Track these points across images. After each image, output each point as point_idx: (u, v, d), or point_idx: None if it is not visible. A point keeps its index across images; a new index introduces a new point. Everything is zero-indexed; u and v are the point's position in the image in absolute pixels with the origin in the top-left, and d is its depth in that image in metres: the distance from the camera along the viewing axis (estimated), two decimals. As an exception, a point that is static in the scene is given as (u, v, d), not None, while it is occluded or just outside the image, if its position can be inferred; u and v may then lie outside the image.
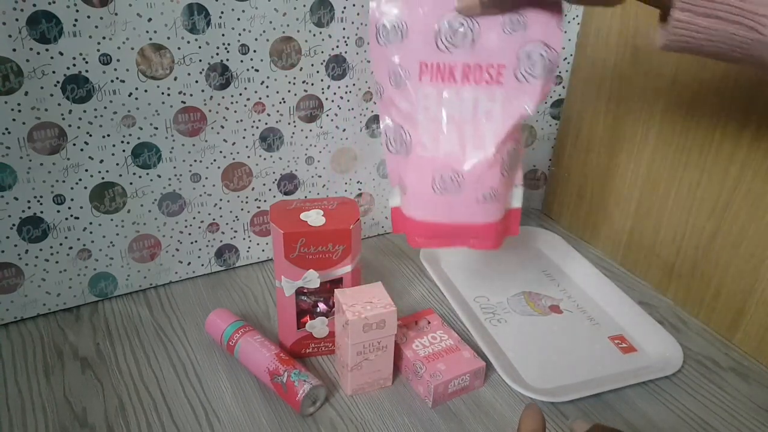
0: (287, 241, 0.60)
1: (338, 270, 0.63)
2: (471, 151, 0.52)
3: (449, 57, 0.50)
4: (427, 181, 0.53)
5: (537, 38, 0.49)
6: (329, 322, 0.66)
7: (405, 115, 0.53)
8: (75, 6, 0.60)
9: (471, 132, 0.52)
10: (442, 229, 0.56)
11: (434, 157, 0.53)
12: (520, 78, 0.50)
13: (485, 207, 0.54)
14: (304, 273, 0.62)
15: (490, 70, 0.50)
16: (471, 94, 0.51)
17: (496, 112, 0.51)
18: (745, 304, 0.69)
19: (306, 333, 0.66)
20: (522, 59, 0.50)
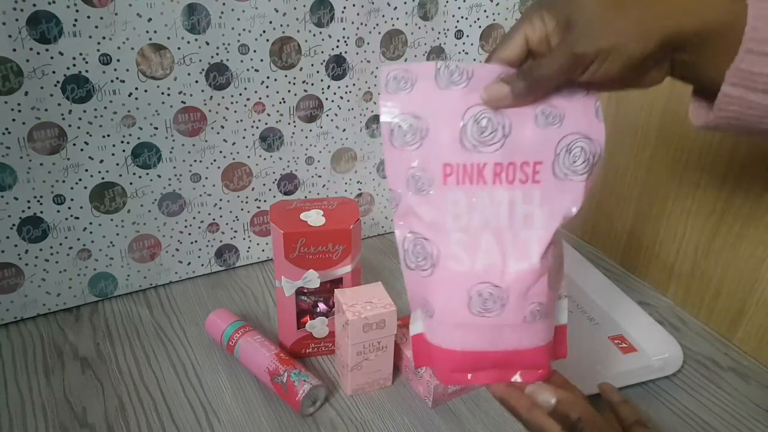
0: (287, 241, 0.60)
1: (338, 270, 0.63)
2: (513, 262, 0.44)
3: (477, 157, 0.43)
4: (461, 301, 0.44)
5: (576, 130, 0.43)
6: (329, 322, 0.66)
7: (429, 225, 0.45)
8: (75, 6, 0.60)
9: (510, 239, 0.44)
10: (483, 359, 0.46)
11: (469, 271, 0.44)
12: (560, 175, 0.44)
13: (534, 327, 0.45)
14: (304, 273, 0.62)
15: (525, 168, 0.44)
16: (505, 196, 0.44)
17: (536, 214, 0.44)
18: (744, 304, 0.69)
19: (306, 333, 0.66)
20: (561, 154, 0.44)
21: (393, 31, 0.78)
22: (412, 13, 0.78)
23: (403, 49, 0.80)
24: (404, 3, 0.77)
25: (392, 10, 0.77)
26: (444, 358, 0.47)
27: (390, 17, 0.77)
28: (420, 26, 0.79)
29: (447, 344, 0.46)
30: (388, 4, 0.76)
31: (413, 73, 0.43)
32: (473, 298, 0.44)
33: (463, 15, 0.82)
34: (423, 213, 0.45)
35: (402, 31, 0.79)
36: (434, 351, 0.47)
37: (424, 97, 0.43)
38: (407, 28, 0.79)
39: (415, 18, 0.79)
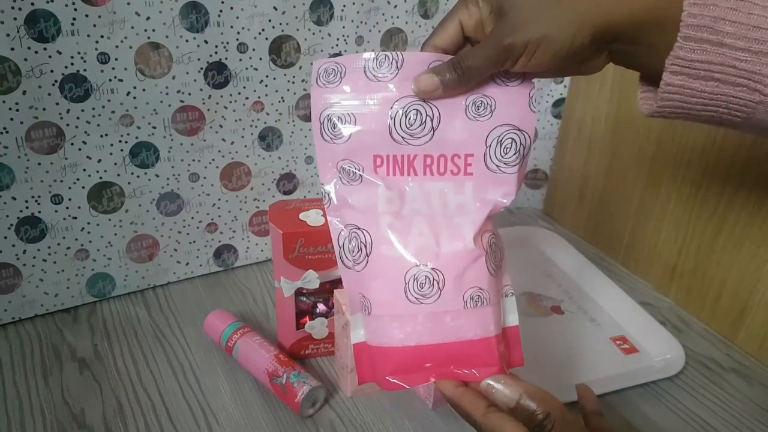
0: (286, 242, 0.60)
1: (338, 270, 0.63)
2: (446, 243, 0.42)
3: (407, 149, 0.43)
4: (398, 288, 0.41)
5: (507, 121, 0.43)
6: (329, 323, 0.66)
7: (362, 211, 0.43)
8: (73, 4, 0.60)
9: (442, 224, 0.43)
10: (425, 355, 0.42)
11: (403, 255, 0.42)
12: (492, 167, 0.43)
13: (477, 315, 0.42)
14: (303, 273, 0.62)
15: (457, 160, 0.43)
16: (436, 186, 0.43)
17: (468, 204, 0.43)
18: (747, 304, 0.69)
19: (305, 334, 0.66)
20: (492, 146, 0.43)
21: (393, 30, 0.78)
22: (413, 12, 0.78)
23: (403, 47, 0.79)
24: (404, 1, 0.76)
25: (392, 8, 0.76)
26: (385, 361, 0.42)
27: (390, 15, 0.77)
28: (420, 24, 0.79)
29: (387, 341, 0.42)
30: (388, 2, 0.76)
31: (343, 65, 0.43)
32: (409, 283, 0.41)
33: (463, 14, 0.81)
34: (354, 201, 0.43)
35: (402, 30, 0.78)
36: (375, 354, 0.43)
37: (352, 90, 0.43)
38: (407, 26, 0.78)
39: (415, 16, 0.78)
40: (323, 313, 0.67)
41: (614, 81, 0.82)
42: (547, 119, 0.94)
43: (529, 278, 0.82)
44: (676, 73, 0.37)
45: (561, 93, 0.92)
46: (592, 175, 0.90)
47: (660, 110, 0.40)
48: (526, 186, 1.01)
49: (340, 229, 0.44)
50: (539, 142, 0.96)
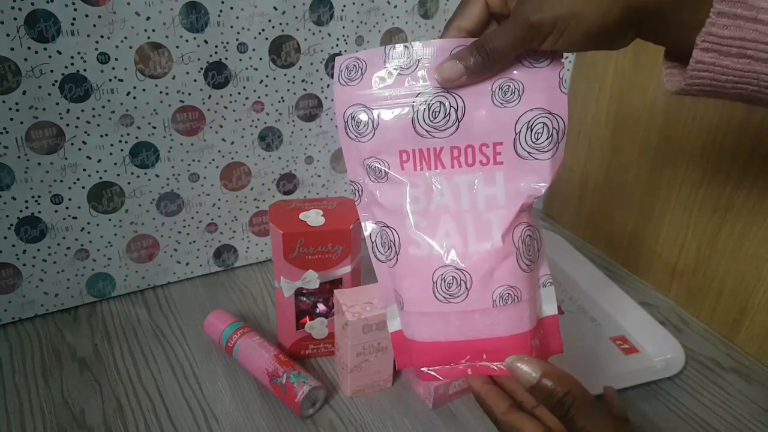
0: (286, 242, 0.60)
1: (338, 270, 0.63)
2: (474, 243, 0.41)
3: (433, 142, 0.41)
4: (426, 287, 0.42)
5: (536, 105, 0.41)
6: (329, 323, 0.66)
7: (390, 211, 0.43)
8: (73, 4, 0.60)
9: (471, 221, 0.42)
10: (456, 350, 0.43)
11: (429, 255, 0.42)
12: (523, 155, 0.41)
13: (507, 313, 0.41)
14: (303, 273, 0.62)
15: (485, 149, 0.41)
16: (465, 180, 0.42)
17: (499, 196, 0.42)
18: (747, 304, 0.69)
19: (305, 334, 0.66)
20: (522, 133, 0.41)
21: (393, 30, 0.78)
22: (413, 12, 0.78)
23: (403, 48, 0.79)
24: (404, 1, 0.76)
25: (392, 8, 0.76)
26: (420, 353, 0.43)
27: (390, 15, 0.77)
28: (420, 24, 0.79)
29: (418, 336, 0.43)
30: (388, 2, 0.75)
31: (364, 61, 0.42)
32: (437, 283, 0.41)
33: (463, 14, 0.81)
34: (383, 200, 0.43)
35: (402, 30, 0.78)
36: (410, 345, 0.44)
37: (374, 86, 0.42)
38: (407, 26, 0.78)
39: (415, 16, 0.78)
40: (323, 313, 0.67)
41: (614, 81, 0.82)
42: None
43: (529, 278, 0.82)
44: (707, 50, 0.36)
45: (561, 93, 0.92)
46: (592, 175, 0.90)
47: (688, 88, 0.38)
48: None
49: (372, 227, 0.44)
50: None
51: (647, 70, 0.77)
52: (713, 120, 0.69)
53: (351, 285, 0.64)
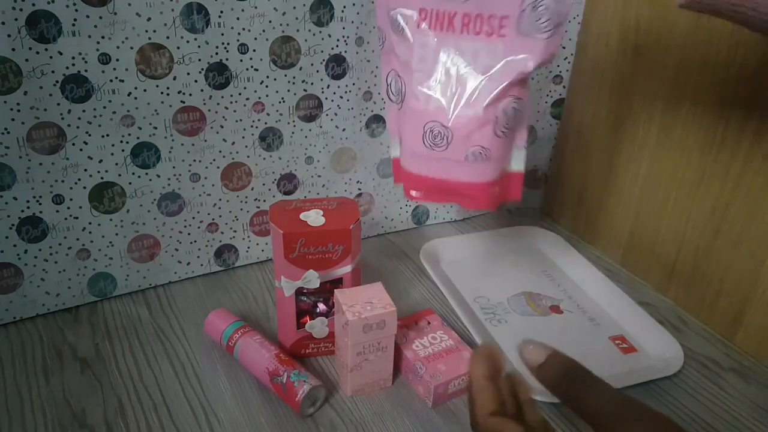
0: (287, 241, 0.60)
1: (338, 270, 0.63)
2: (462, 107, 0.49)
3: (449, 5, 0.47)
4: (418, 135, 0.52)
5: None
6: (329, 323, 0.66)
7: (403, 63, 0.51)
8: (74, 5, 0.60)
9: (464, 85, 0.49)
10: (435, 184, 0.56)
11: (425, 109, 0.51)
12: (523, 32, 0.46)
13: (475, 166, 0.52)
14: (303, 273, 0.62)
15: (492, 21, 0.46)
16: (470, 46, 0.48)
17: (496, 67, 0.48)
18: (745, 304, 0.69)
19: (306, 333, 0.66)
20: (527, 11, 0.45)
21: (393, 31, 0.78)
22: (412, 13, 0.78)
23: (403, 48, 0.80)
24: (404, 2, 0.77)
25: (392, 9, 0.76)
26: (408, 179, 0.58)
27: (390, 17, 0.77)
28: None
29: (408, 167, 0.57)
30: (388, 3, 0.76)
31: None
32: (426, 133, 0.52)
33: (463, 14, 0.81)
34: (399, 51, 0.51)
35: (402, 31, 0.78)
36: (403, 173, 0.58)
37: None
38: (407, 27, 0.78)
39: (415, 17, 0.78)
40: (323, 313, 0.67)
41: (613, 82, 0.83)
42: (546, 119, 0.94)
43: (529, 278, 0.83)
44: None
45: (560, 93, 0.92)
46: (591, 175, 0.90)
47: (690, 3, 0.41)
48: (526, 186, 1.01)
49: (389, 70, 0.54)
50: (538, 143, 0.96)
51: (646, 71, 0.77)
52: (711, 121, 0.69)
53: (351, 285, 0.64)
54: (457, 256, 0.86)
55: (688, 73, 0.71)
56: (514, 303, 0.77)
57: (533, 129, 0.95)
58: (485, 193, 0.54)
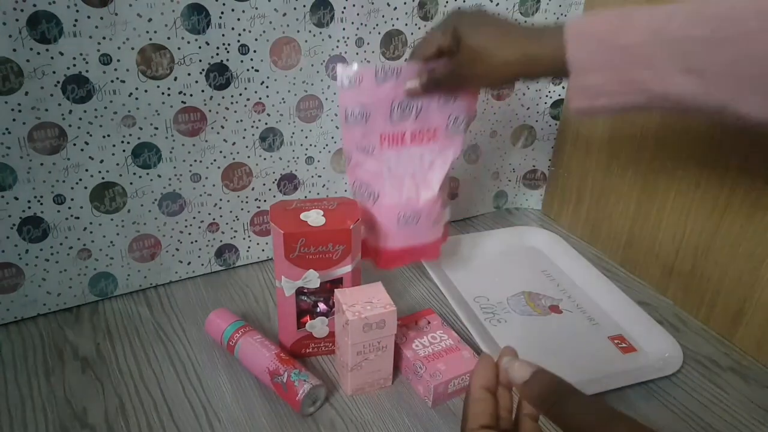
0: (287, 241, 0.60)
1: (338, 270, 0.63)
2: (423, 194, 0.69)
3: (401, 127, 0.66)
4: (393, 221, 0.69)
5: (460, 107, 0.67)
6: (329, 322, 0.66)
7: (373, 174, 0.68)
8: (75, 6, 0.60)
9: (421, 179, 0.69)
10: (405, 252, 0.73)
11: (398, 202, 0.69)
12: (449, 134, 0.68)
13: (434, 229, 0.72)
14: (304, 273, 0.62)
15: (429, 132, 0.67)
16: (417, 151, 0.68)
17: (436, 162, 0.69)
18: (744, 303, 0.69)
19: (306, 333, 0.66)
20: (450, 122, 0.67)
21: (393, 32, 0.78)
22: (412, 14, 0.78)
23: (403, 49, 0.80)
24: (404, 3, 0.77)
25: (392, 10, 0.77)
26: (382, 254, 0.72)
27: (390, 17, 0.77)
28: (420, 26, 0.79)
29: (384, 246, 0.72)
30: (387, 4, 0.76)
31: (360, 74, 0.63)
32: (400, 217, 0.69)
33: (463, 15, 0.82)
34: (368, 167, 0.68)
35: (402, 32, 0.79)
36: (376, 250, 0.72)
37: (367, 91, 0.64)
38: (407, 28, 0.79)
39: (415, 18, 0.79)
40: (324, 313, 0.67)
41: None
42: (545, 120, 0.95)
43: (528, 278, 0.83)
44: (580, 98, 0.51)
45: (559, 94, 0.92)
46: (591, 175, 0.90)
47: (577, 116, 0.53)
48: (525, 186, 1.02)
49: (354, 181, 0.69)
50: (538, 143, 0.96)
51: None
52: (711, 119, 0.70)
53: (351, 284, 0.64)
54: (457, 256, 0.86)
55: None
56: (513, 303, 0.77)
57: (533, 129, 0.95)
58: (439, 245, 0.75)
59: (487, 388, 0.42)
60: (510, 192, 1.02)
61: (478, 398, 0.41)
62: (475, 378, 0.42)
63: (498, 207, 1.02)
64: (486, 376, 0.42)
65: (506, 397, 0.43)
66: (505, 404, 0.43)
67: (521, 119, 0.94)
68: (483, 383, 0.42)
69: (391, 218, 0.69)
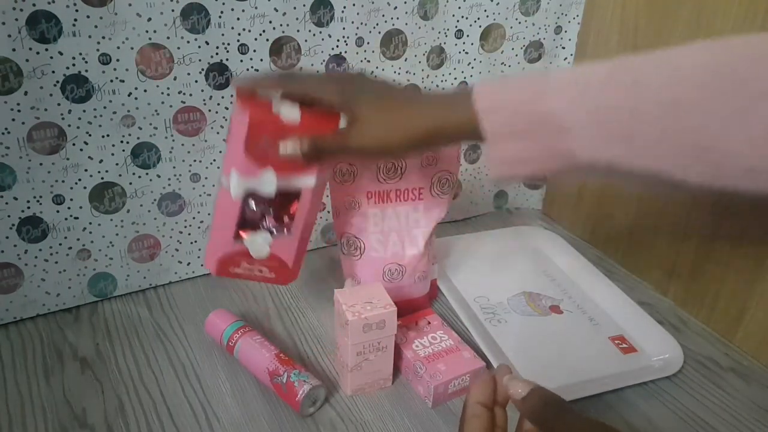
0: (253, 129, 0.50)
1: (300, 180, 0.54)
2: (408, 249, 0.70)
3: (386, 186, 0.68)
4: (378, 275, 0.70)
5: (444, 168, 0.68)
6: (274, 243, 0.57)
7: (358, 229, 0.69)
8: (74, 5, 0.60)
9: (406, 235, 0.70)
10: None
11: (383, 257, 0.70)
12: (434, 195, 0.69)
13: (419, 285, 0.73)
14: (260, 173, 0.52)
15: (414, 191, 0.69)
16: (403, 209, 0.69)
17: (421, 220, 0.70)
18: (745, 304, 0.69)
19: (241, 248, 0.57)
20: (434, 183, 0.69)
21: (393, 31, 0.78)
22: (412, 13, 0.78)
23: (403, 48, 0.80)
24: (404, 2, 0.77)
25: (392, 9, 0.76)
26: None
27: (390, 17, 0.77)
28: (420, 26, 0.79)
29: None
30: (388, 3, 0.76)
31: None
32: (386, 273, 0.70)
33: (463, 14, 0.81)
34: (354, 222, 0.69)
35: (402, 31, 0.78)
36: None
37: None
38: (407, 27, 0.79)
39: (415, 17, 0.78)
40: (270, 230, 0.58)
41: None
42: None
43: (529, 278, 0.83)
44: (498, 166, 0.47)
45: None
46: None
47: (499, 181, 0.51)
48: (526, 186, 1.01)
49: (341, 234, 0.70)
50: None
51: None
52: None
53: (309, 206, 0.56)
54: (457, 256, 0.86)
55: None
56: (514, 303, 0.77)
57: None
58: (427, 300, 0.76)
59: (483, 404, 0.43)
60: (510, 192, 1.01)
61: (475, 414, 0.43)
62: (472, 394, 0.43)
63: (498, 207, 1.02)
64: (484, 392, 0.43)
65: (501, 415, 0.44)
66: (501, 422, 0.44)
67: (521, 119, 0.94)
68: (480, 399, 0.43)
69: (377, 272, 0.70)
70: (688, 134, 0.40)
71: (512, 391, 0.42)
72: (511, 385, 0.42)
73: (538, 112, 0.44)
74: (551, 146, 0.44)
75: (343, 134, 0.52)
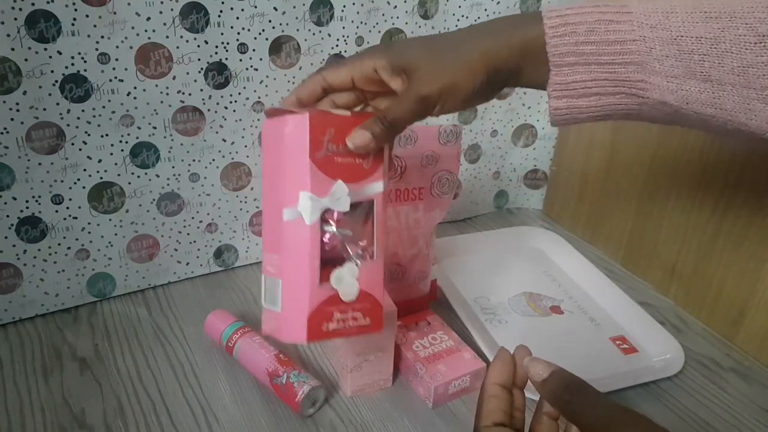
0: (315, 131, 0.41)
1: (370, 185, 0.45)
2: (408, 250, 0.69)
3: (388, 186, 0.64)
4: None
5: (444, 168, 0.68)
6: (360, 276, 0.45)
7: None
8: (74, 5, 0.60)
9: (407, 235, 0.69)
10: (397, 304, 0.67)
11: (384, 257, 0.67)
12: (434, 195, 0.69)
13: (419, 286, 0.72)
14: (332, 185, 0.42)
15: (414, 191, 0.68)
16: (403, 209, 0.68)
17: (421, 220, 0.69)
18: (746, 304, 0.69)
19: (329, 294, 0.43)
20: (435, 182, 0.68)
21: (393, 30, 0.78)
22: (413, 12, 0.78)
23: (403, 48, 0.79)
24: (404, 2, 0.76)
25: (392, 8, 0.76)
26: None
27: (390, 16, 0.77)
28: (420, 25, 0.79)
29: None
30: (388, 2, 0.76)
31: None
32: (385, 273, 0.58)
33: (463, 14, 0.81)
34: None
35: (402, 30, 0.78)
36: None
37: None
38: (407, 26, 0.78)
39: (415, 17, 0.78)
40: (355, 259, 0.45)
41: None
42: (546, 120, 0.94)
43: (529, 278, 0.83)
44: (559, 97, 0.44)
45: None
46: (592, 175, 0.90)
47: (557, 125, 0.47)
48: (526, 186, 1.01)
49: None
50: (539, 142, 0.96)
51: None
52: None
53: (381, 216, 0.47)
54: (457, 256, 0.86)
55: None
56: (514, 303, 0.77)
57: (534, 128, 0.95)
58: (427, 301, 0.74)
59: (502, 384, 0.42)
60: (511, 192, 1.01)
61: (493, 395, 0.42)
62: (490, 374, 0.42)
63: (499, 207, 1.02)
64: (503, 373, 0.42)
65: (520, 396, 0.43)
66: (519, 404, 0.43)
67: (522, 118, 0.94)
68: (499, 380, 0.42)
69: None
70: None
71: (533, 372, 0.40)
72: (531, 366, 0.41)
73: (614, 38, 0.41)
74: (623, 78, 0.41)
75: (405, 93, 0.46)
